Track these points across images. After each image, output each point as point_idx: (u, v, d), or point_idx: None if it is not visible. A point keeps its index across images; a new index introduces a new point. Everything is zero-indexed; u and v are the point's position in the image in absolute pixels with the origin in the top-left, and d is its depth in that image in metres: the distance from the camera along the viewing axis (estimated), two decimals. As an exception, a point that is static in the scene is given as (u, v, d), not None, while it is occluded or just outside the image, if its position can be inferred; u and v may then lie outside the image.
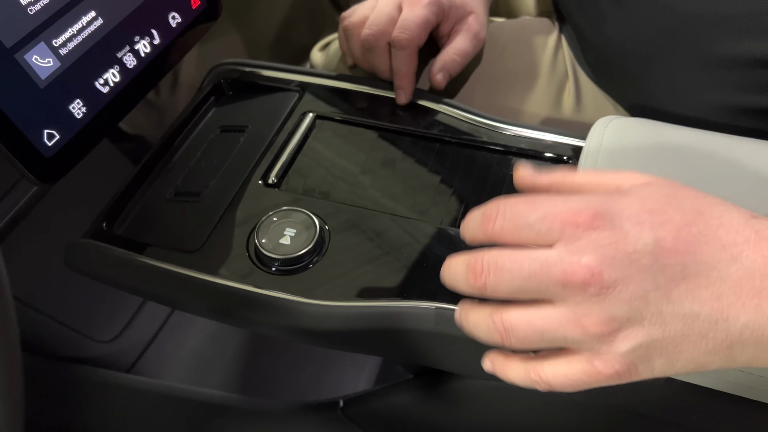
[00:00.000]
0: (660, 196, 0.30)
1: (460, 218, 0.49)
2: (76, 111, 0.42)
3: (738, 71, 0.47)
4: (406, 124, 0.53)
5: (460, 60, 0.54)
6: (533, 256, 0.29)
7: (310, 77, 0.57)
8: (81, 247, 0.46)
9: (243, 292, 0.42)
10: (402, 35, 0.52)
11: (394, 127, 0.53)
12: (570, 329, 0.29)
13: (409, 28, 0.52)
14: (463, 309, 0.33)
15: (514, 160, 0.50)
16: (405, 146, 0.52)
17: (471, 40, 0.55)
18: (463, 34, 0.55)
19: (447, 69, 0.54)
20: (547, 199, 0.30)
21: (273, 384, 0.71)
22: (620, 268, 0.28)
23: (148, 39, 0.47)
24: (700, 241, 0.29)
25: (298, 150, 0.52)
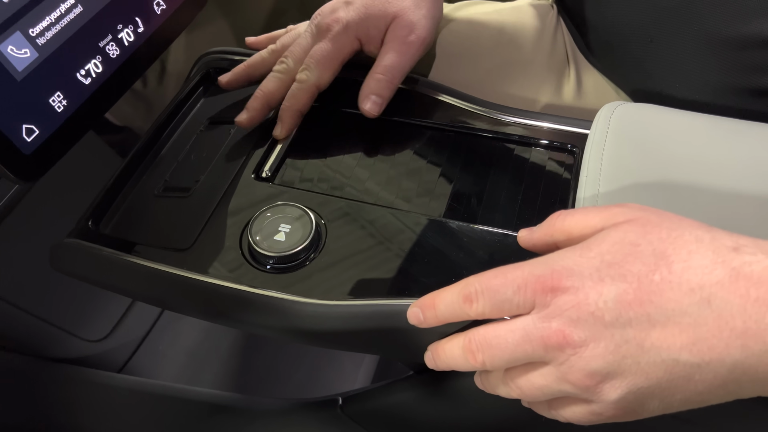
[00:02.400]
0: (623, 245, 0.30)
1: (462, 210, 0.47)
2: (57, 104, 0.40)
3: (746, 52, 0.45)
4: (403, 114, 0.51)
5: (388, 77, 0.49)
6: (513, 327, 0.32)
7: (301, 65, 0.55)
8: (66, 247, 0.44)
9: (236, 292, 0.40)
10: (305, 73, 0.49)
11: (390, 117, 0.51)
12: (562, 385, 0.31)
13: (309, 64, 0.49)
14: (482, 376, 0.37)
15: (517, 150, 0.48)
16: (402, 136, 0.50)
17: (398, 51, 0.49)
18: (386, 46, 0.50)
19: (375, 93, 0.49)
20: (516, 270, 0.32)
21: (270, 381, 0.69)
22: (586, 328, 0.30)
23: (132, 27, 0.45)
24: (663, 289, 0.29)
25: (291, 141, 0.50)
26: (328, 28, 0.50)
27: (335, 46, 0.49)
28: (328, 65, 0.50)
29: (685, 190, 0.39)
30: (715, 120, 0.43)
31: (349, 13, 0.50)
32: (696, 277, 0.28)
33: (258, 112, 0.50)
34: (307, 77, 0.49)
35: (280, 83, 0.50)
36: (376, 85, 0.49)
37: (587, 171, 0.41)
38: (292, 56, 0.51)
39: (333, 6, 0.51)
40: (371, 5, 0.50)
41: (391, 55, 0.49)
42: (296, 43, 0.51)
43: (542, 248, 0.36)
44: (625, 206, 0.33)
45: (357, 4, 0.50)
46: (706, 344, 0.28)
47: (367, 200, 0.45)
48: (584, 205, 0.40)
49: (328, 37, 0.49)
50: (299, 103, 0.50)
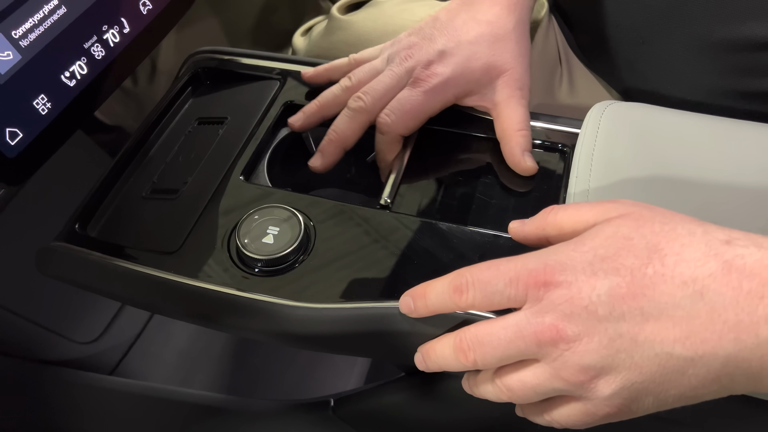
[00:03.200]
0: (616, 239, 0.30)
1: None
2: (41, 107, 0.40)
3: (738, 54, 0.45)
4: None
5: (527, 131, 0.46)
6: (506, 324, 0.31)
7: (291, 65, 0.55)
8: (53, 251, 0.43)
9: (224, 296, 0.40)
10: (385, 119, 0.46)
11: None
12: (555, 382, 0.31)
13: (394, 114, 0.45)
14: (470, 379, 0.36)
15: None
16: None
17: (523, 105, 0.46)
18: (510, 101, 0.46)
19: (526, 148, 0.45)
20: (509, 263, 0.32)
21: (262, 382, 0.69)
22: (580, 322, 0.29)
23: (117, 28, 0.45)
24: (656, 282, 0.28)
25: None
26: (424, 80, 0.45)
27: (429, 101, 0.46)
28: (417, 118, 0.46)
29: (674, 187, 0.39)
30: (705, 119, 0.43)
31: (447, 68, 0.45)
32: (689, 270, 0.28)
33: (333, 156, 0.47)
34: (392, 125, 0.46)
35: (356, 124, 0.47)
36: (523, 138, 0.45)
37: (578, 168, 0.41)
38: (372, 94, 0.46)
39: (427, 56, 0.46)
40: (472, 59, 0.45)
41: (519, 108, 0.46)
42: (378, 80, 0.47)
43: (534, 241, 0.36)
44: (617, 202, 0.33)
45: (455, 57, 0.45)
46: (699, 337, 0.28)
47: (356, 201, 0.45)
48: (574, 200, 0.40)
49: (423, 88, 0.45)
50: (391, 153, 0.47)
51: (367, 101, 0.46)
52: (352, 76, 0.48)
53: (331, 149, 0.47)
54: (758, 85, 0.46)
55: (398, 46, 0.48)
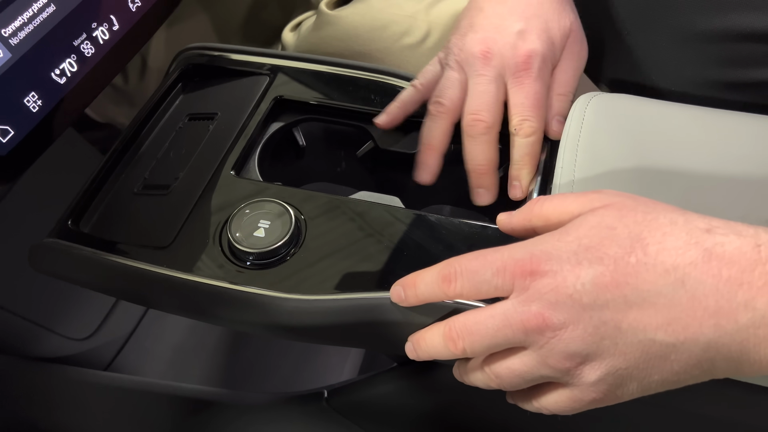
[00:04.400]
0: (600, 228, 0.31)
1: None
2: (32, 104, 0.40)
3: (721, 45, 0.46)
4: (382, 107, 0.51)
5: (569, 95, 0.46)
6: (493, 312, 0.32)
7: (280, 60, 0.55)
8: (46, 247, 0.44)
9: (217, 289, 0.40)
10: (526, 122, 0.43)
11: (368, 110, 0.51)
12: (542, 369, 0.32)
13: (530, 114, 0.43)
14: (460, 367, 0.37)
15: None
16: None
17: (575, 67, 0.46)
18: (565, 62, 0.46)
19: (560, 113, 0.45)
20: (496, 253, 0.33)
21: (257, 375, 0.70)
22: (565, 310, 0.30)
23: (107, 25, 0.45)
24: (639, 270, 0.29)
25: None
26: (525, 68, 0.43)
27: (544, 83, 0.44)
28: (546, 103, 0.45)
29: (658, 176, 0.40)
30: (689, 109, 0.44)
31: (536, 44, 0.44)
32: (670, 259, 0.29)
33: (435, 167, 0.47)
34: (538, 127, 0.44)
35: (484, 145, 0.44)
36: (560, 104, 0.45)
37: (563, 159, 0.42)
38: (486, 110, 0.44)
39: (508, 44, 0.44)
40: (550, 26, 0.45)
41: (571, 72, 0.46)
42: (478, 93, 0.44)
43: (521, 233, 0.37)
44: (601, 192, 0.34)
45: (536, 30, 0.44)
46: (681, 324, 0.29)
47: (347, 194, 0.46)
48: (560, 191, 0.41)
49: (532, 76, 0.43)
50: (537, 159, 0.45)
51: (487, 119, 0.44)
52: (442, 99, 0.45)
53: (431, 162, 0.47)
54: (741, 75, 0.47)
55: (463, 49, 0.45)
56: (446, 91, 0.45)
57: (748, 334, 0.28)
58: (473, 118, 0.44)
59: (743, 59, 0.46)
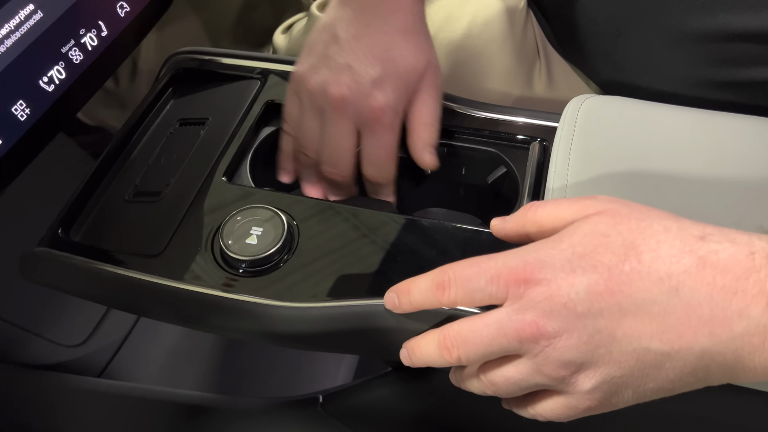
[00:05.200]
0: (594, 236, 0.31)
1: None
2: (19, 113, 0.40)
3: (712, 45, 0.46)
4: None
5: (434, 126, 0.46)
6: (488, 321, 0.32)
7: (271, 63, 0.55)
8: (37, 256, 0.43)
9: (209, 298, 0.40)
10: (378, 174, 0.46)
11: None
12: (537, 377, 0.32)
13: (382, 166, 0.45)
14: (456, 373, 0.37)
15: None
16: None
17: (435, 98, 0.46)
18: (425, 94, 0.45)
19: (431, 143, 0.46)
20: (490, 260, 0.33)
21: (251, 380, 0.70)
22: (559, 319, 0.30)
23: (95, 31, 0.44)
24: (633, 279, 0.29)
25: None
26: (377, 119, 0.43)
27: (396, 135, 0.45)
28: (396, 155, 0.46)
29: (650, 180, 0.40)
30: (681, 111, 0.44)
31: (390, 95, 0.43)
32: (664, 267, 0.29)
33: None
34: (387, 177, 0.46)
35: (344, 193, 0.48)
36: (428, 134, 0.46)
37: (555, 163, 0.42)
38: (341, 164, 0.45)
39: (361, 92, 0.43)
40: (405, 69, 0.44)
41: (432, 102, 0.46)
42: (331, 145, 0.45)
43: (515, 238, 0.37)
44: (594, 198, 0.33)
45: (391, 78, 0.43)
46: (675, 332, 0.28)
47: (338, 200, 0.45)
48: (553, 196, 0.41)
49: (384, 128, 0.44)
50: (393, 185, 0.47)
51: (344, 174, 0.46)
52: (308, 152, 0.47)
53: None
54: (733, 75, 0.47)
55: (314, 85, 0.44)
56: (308, 142, 0.46)
57: (742, 342, 0.28)
58: (333, 171, 0.46)
59: (735, 59, 0.46)
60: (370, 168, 0.46)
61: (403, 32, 0.44)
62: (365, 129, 0.44)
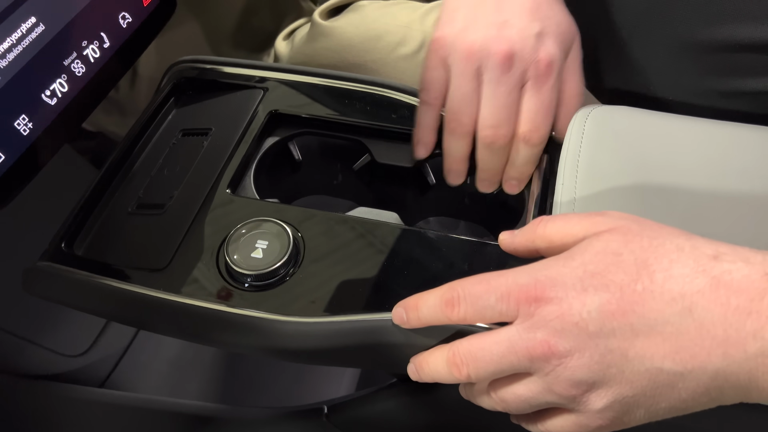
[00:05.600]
0: (605, 254, 0.30)
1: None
2: (22, 128, 0.39)
3: (718, 55, 0.45)
4: (378, 120, 0.50)
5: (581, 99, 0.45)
6: (498, 339, 0.32)
7: (274, 72, 0.54)
8: (40, 271, 0.43)
9: (215, 313, 0.39)
10: (536, 132, 0.42)
11: (364, 123, 0.50)
12: (548, 395, 0.32)
13: (542, 124, 0.42)
14: (466, 388, 0.37)
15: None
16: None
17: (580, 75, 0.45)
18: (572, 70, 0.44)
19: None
20: (500, 277, 0.32)
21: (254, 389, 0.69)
22: (571, 338, 0.30)
23: (98, 43, 0.44)
24: (646, 299, 0.29)
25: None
26: (545, 74, 0.41)
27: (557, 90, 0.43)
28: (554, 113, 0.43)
29: (660, 193, 0.39)
30: (689, 121, 0.43)
31: (554, 48, 0.41)
32: (677, 287, 0.29)
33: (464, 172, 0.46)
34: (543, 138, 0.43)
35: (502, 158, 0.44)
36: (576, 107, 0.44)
37: (563, 176, 0.41)
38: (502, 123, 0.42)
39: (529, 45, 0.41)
40: (561, 28, 0.42)
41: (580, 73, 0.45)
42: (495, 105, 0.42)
43: (524, 253, 0.37)
44: (605, 215, 0.33)
45: (553, 33, 0.42)
46: (689, 353, 0.28)
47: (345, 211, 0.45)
48: (561, 209, 0.40)
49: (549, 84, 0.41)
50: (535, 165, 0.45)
51: (508, 134, 0.42)
52: (462, 117, 0.43)
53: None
54: (739, 85, 0.47)
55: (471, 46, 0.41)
56: (464, 107, 0.42)
57: (756, 363, 0.27)
58: (494, 133, 0.42)
59: (741, 69, 0.46)
60: (529, 125, 0.42)
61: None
62: (531, 85, 0.41)
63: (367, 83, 0.52)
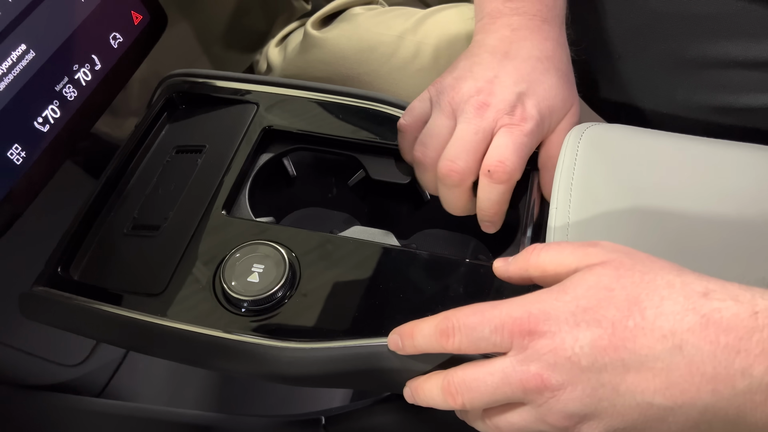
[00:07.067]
0: (597, 289, 0.31)
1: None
2: (15, 157, 0.39)
3: (711, 72, 0.46)
4: (372, 135, 0.50)
5: None
6: (492, 370, 0.32)
7: (267, 87, 0.54)
8: (36, 297, 0.43)
9: (213, 339, 0.40)
10: (501, 165, 0.41)
11: (358, 139, 0.50)
12: (541, 425, 0.32)
13: (510, 159, 0.41)
14: (462, 413, 0.37)
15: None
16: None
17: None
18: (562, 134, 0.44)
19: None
20: (494, 309, 0.33)
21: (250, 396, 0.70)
22: (563, 372, 0.31)
23: (89, 66, 0.44)
24: (637, 335, 0.29)
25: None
26: (517, 125, 0.42)
27: (531, 143, 0.43)
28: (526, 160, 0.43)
29: (653, 217, 0.40)
30: (684, 141, 0.43)
31: (534, 110, 0.42)
32: (668, 324, 0.29)
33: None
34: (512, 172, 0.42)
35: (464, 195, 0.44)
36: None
37: (557, 200, 0.41)
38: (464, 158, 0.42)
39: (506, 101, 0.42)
40: (549, 98, 0.43)
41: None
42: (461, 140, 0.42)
43: (517, 281, 0.37)
44: (598, 245, 0.34)
45: (535, 98, 0.43)
46: (679, 389, 0.29)
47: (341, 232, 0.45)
48: (555, 235, 0.41)
49: (523, 132, 0.42)
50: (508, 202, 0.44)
51: (461, 168, 0.42)
52: (425, 146, 0.44)
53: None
54: (733, 101, 0.47)
55: (457, 92, 0.43)
56: (431, 140, 0.44)
57: (745, 399, 0.28)
58: (448, 166, 0.42)
59: (734, 85, 0.46)
60: (493, 159, 0.42)
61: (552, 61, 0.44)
62: (502, 131, 0.42)
63: (360, 98, 0.52)
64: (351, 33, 0.59)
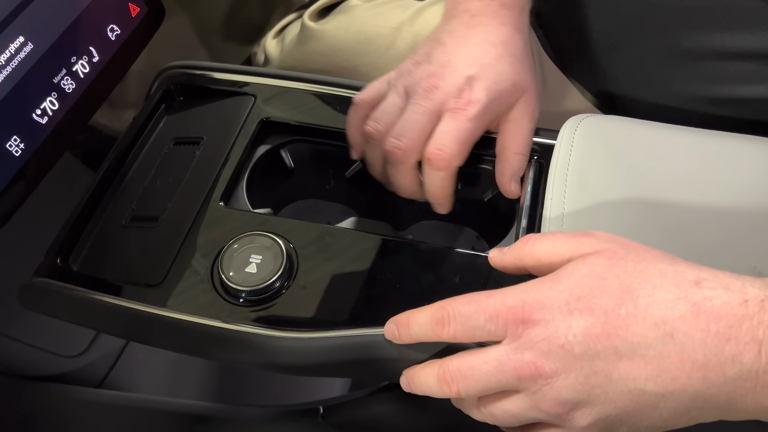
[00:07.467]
0: (590, 278, 0.31)
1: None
2: (14, 149, 0.39)
3: (707, 63, 0.46)
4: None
5: (525, 156, 0.46)
6: (487, 358, 0.33)
7: (264, 78, 0.54)
8: (36, 288, 0.43)
9: (211, 329, 0.40)
10: (439, 153, 0.42)
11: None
12: (534, 412, 0.33)
13: (448, 146, 0.42)
14: (457, 401, 0.38)
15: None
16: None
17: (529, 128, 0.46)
18: (519, 122, 0.45)
19: (517, 173, 0.45)
20: (489, 298, 0.33)
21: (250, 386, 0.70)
22: (557, 360, 0.31)
23: (87, 58, 0.44)
24: (629, 323, 0.30)
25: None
26: (463, 108, 0.43)
27: (477, 129, 0.44)
28: (469, 147, 0.44)
29: (648, 207, 0.40)
30: (679, 132, 0.44)
31: (481, 94, 0.43)
32: (660, 312, 0.30)
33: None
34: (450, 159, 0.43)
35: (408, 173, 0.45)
36: (519, 164, 0.45)
37: (552, 191, 0.42)
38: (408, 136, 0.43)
39: (455, 85, 0.43)
40: (500, 81, 0.44)
41: (526, 130, 0.45)
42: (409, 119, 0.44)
43: (512, 270, 0.37)
44: (592, 235, 0.34)
45: (484, 82, 0.43)
46: (670, 376, 0.29)
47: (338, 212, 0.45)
48: (550, 225, 0.41)
49: (467, 116, 0.43)
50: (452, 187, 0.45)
51: (405, 145, 0.43)
52: (377, 122, 0.45)
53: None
54: (728, 92, 0.47)
55: (412, 76, 0.45)
56: (383, 115, 0.45)
57: (735, 386, 0.28)
58: (392, 143, 0.44)
59: (730, 77, 0.46)
60: (433, 146, 0.43)
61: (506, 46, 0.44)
62: (448, 115, 0.43)
63: (358, 89, 0.52)
64: (348, 25, 0.59)
